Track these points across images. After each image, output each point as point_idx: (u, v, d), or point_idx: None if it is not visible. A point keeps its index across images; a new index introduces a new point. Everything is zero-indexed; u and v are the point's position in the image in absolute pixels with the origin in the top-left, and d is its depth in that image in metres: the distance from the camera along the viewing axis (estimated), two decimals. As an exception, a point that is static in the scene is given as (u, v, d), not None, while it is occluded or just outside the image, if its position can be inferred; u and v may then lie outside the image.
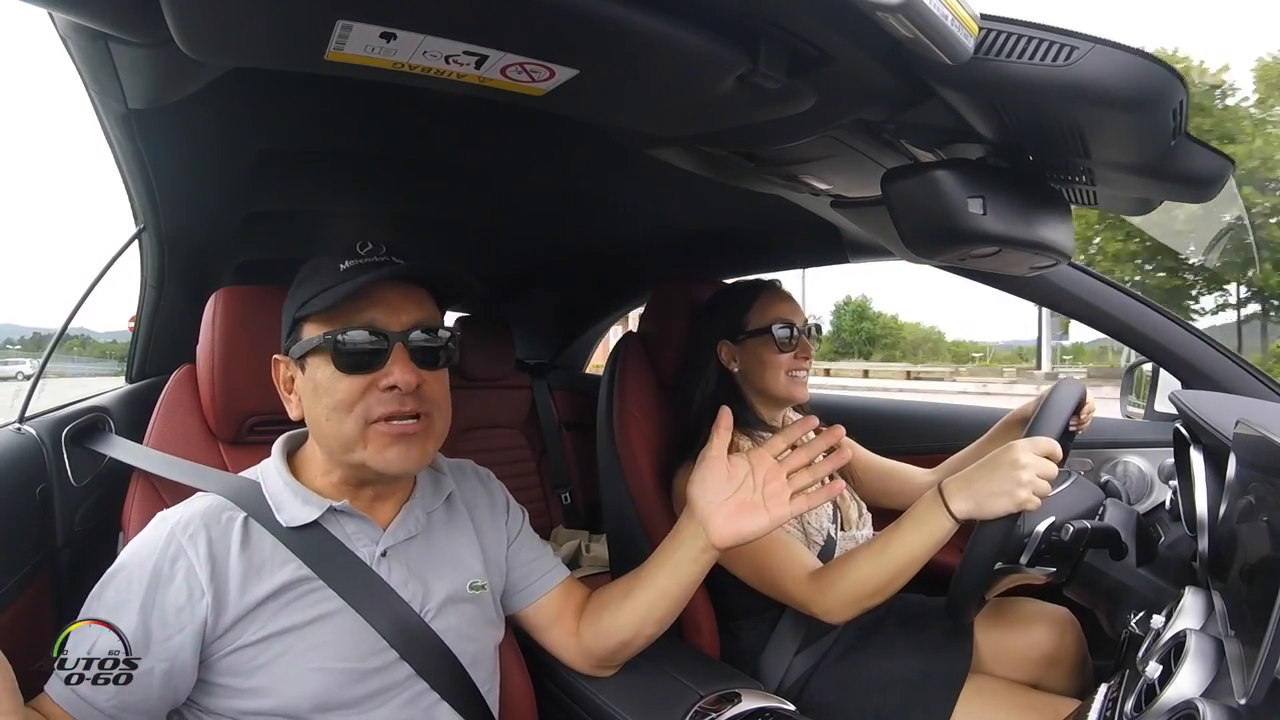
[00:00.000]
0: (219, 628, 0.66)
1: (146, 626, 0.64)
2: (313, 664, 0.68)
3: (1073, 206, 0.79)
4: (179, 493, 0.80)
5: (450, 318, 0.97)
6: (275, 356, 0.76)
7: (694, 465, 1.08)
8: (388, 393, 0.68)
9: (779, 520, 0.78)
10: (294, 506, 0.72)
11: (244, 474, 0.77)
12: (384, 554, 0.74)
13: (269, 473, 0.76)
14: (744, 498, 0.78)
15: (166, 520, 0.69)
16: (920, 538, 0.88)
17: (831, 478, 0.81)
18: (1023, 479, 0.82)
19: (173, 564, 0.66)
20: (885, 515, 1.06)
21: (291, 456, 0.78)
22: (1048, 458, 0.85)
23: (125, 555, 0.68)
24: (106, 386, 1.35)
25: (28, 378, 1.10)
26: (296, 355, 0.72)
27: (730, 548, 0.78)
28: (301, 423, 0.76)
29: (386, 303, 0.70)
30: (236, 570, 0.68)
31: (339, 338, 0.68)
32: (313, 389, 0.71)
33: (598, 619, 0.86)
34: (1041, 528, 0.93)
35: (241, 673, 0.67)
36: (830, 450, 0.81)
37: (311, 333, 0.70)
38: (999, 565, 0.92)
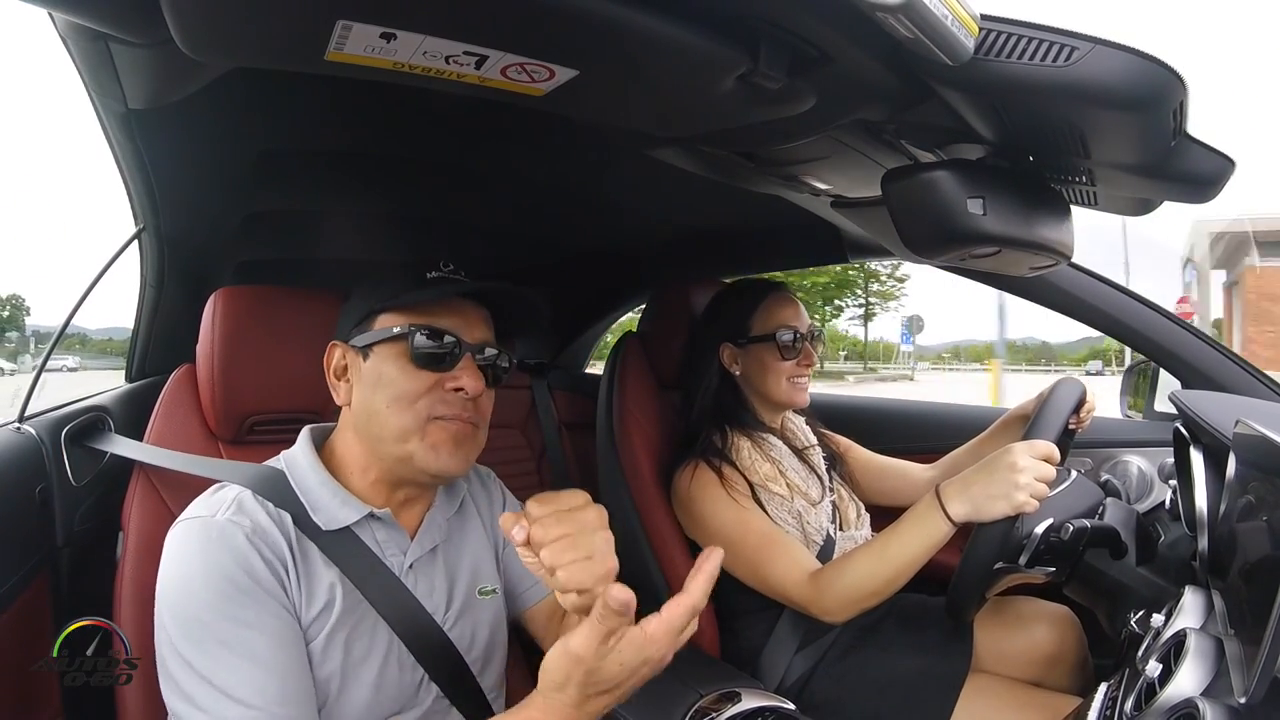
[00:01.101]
0: None
1: (292, 623, 0.63)
2: (365, 679, 0.68)
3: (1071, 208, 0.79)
4: (180, 492, 0.80)
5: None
6: (332, 342, 0.76)
7: (695, 466, 1.09)
8: (452, 394, 0.71)
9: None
10: (331, 508, 0.71)
11: (265, 464, 0.75)
12: (411, 566, 0.74)
13: (299, 466, 0.73)
14: None
15: (237, 525, 0.65)
16: (918, 540, 0.88)
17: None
18: (1020, 482, 0.82)
19: (268, 568, 0.64)
20: (885, 514, 1.06)
21: (318, 450, 0.76)
22: (1045, 460, 0.85)
23: (210, 572, 0.62)
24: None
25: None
26: (363, 343, 0.72)
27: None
28: (331, 414, 0.76)
29: (464, 316, 0.74)
30: (301, 576, 0.67)
31: (421, 332, 0.71)
32: (376, 377, 0.71)
33: None
34: (1040, 529, 0.93)
35: None
36: None
37: (388, 324, 0.72)
38: (998, 565, 0.93)
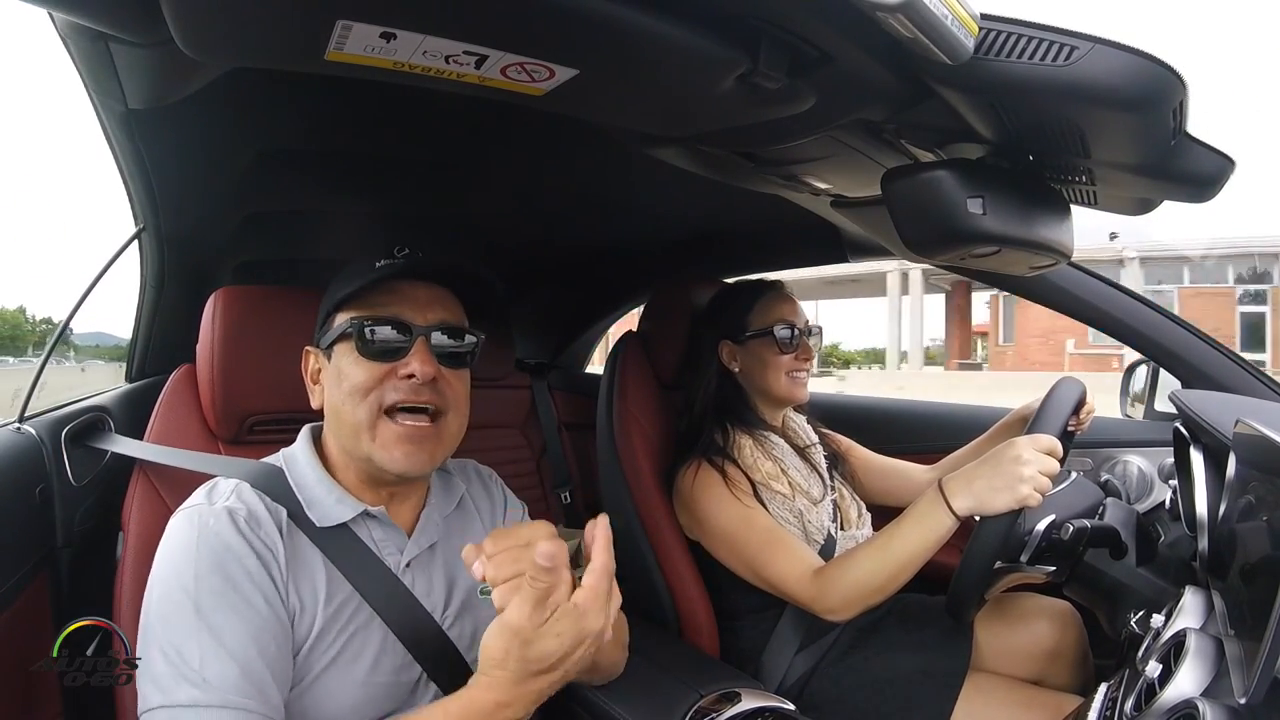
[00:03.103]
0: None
1: (276, 614, 0.63)
2: (353, 679, 0.67)
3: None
4: (180, 491, 0.79)
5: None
6: (306, 348, 0.77)
7: (698, 465, 1.09)
8: (404, 381, 0.69)
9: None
10: (327, 504, 0.71)
11: (264, 460, 0.75)
12: (408, 564, 0.74)
13: (297, 463, 0.73)
14: None
15: (235, 514, 0.65)
16: (921, 535, 0.88)
17: None
18: (1024, 475, 0.82)
19: (260, 556, 0.64)
20: (885, 514, 1.06)
21: (317, 447, 0.76)
22: (1049, 454, 0.85)
23: (202, 560, 0.62)
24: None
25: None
26: (325, 344, 0.73)
27: None
28: (320, 414, 0.76)
29: (415, 300, 0.72)
30: (286, 570, 0.66)
31: (365, 323, 0.70)
32: (336, 375, 0.71)
33: None
34: (1042, 526, 0.93)
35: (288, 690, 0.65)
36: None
37: (341, 320, 0.72)
38: (999, 564, 0.92)
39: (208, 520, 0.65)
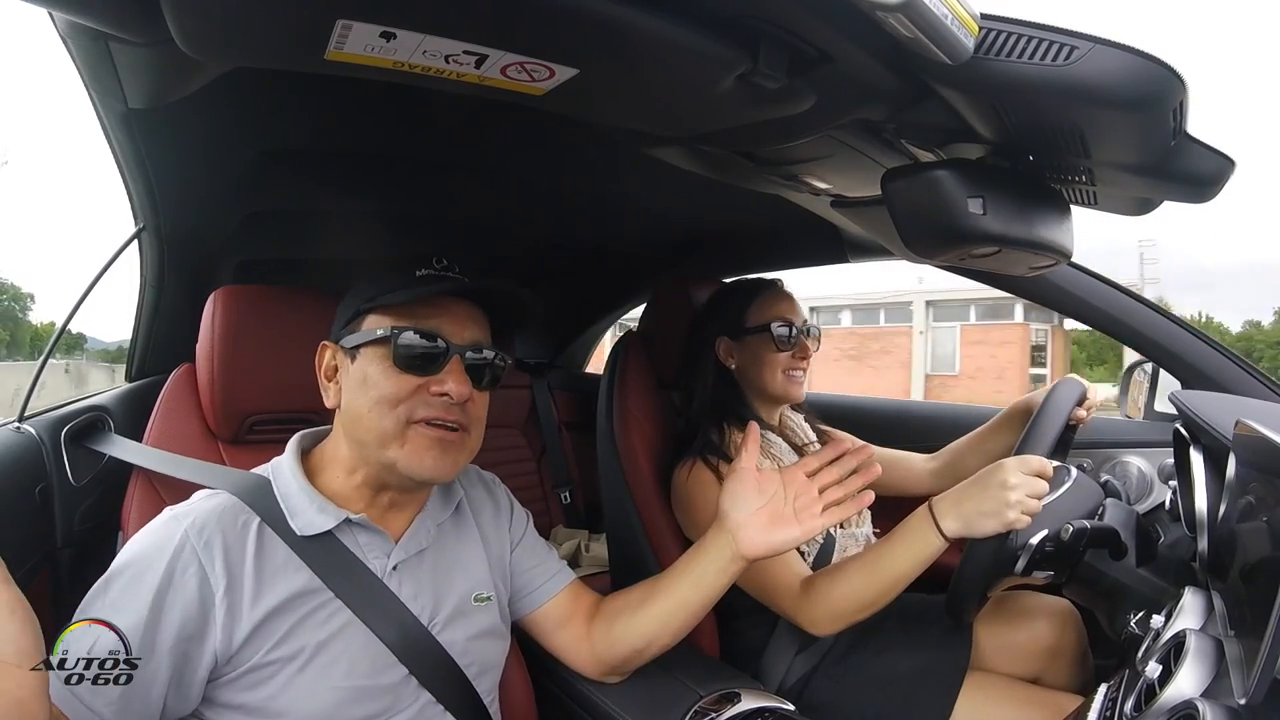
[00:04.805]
0: (233, 644, 0.64)
1: (154, 632, 0.61)
2: (330, 682, 0.67)
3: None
4: (180, 492, 0.79)
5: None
6: (323, 343, 0.75)
7: (692, 464, 1.09)
8: (436, 398, 0.69)
9: (811, 532, 0.78)
10: (308, 513, 0.70)
11: (253, 471, 0.75)
12: (395, 568, 0.74)
13: (282, 473, 0.73)
14: (775, 509, 0.79)
15: (179, 520, 0.66)
16: (910, 555, 0.88)
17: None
18: (1011, 500, 0.83)
19: (185, 570, 0.63)
20: (887, 506, 1.04)
21: (306, 455, 0.76)
22: (1038, 474, 0.85)
23: (131, 554, 0.64)
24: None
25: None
26: (351, 344, 0.72)
27: (760, 559, 0.79)
28: (331, 415, 0.76)
29: (453, 315, 0.72)
30: (250, 580, 0.66)
31: (403, 334, 0.69)
32: (361, 379, 0.70)
33: (611, 625, 0.85)
34: (1035, 540, 0.93)
35: (256, 693, 0.65)
36: (855, 470, 0.81)
37: (374, 325, 0.71)
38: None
39: (156, 525, 0.67)
